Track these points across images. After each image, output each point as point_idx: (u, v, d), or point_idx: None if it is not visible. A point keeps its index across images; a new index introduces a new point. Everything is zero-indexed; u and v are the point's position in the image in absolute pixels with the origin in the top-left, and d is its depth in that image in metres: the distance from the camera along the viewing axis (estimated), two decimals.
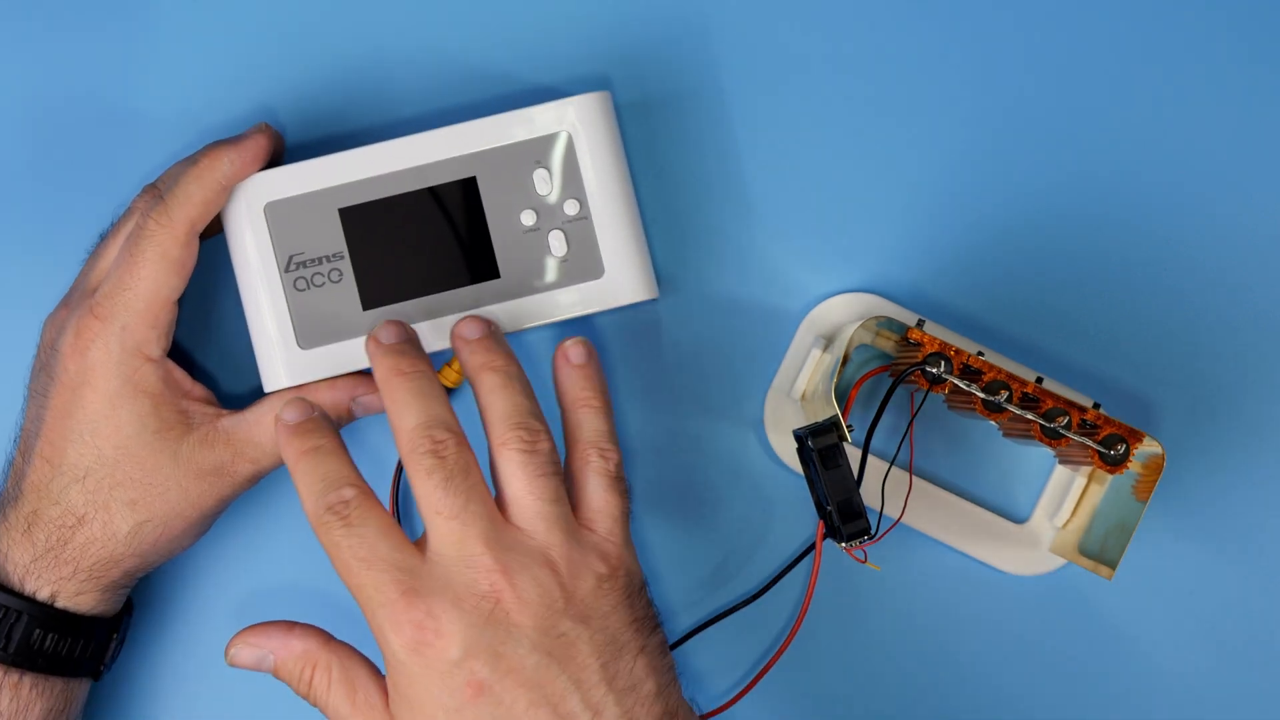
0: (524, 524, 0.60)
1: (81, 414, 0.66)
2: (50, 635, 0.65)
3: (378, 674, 0.62)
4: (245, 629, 0.63)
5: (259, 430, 0.68)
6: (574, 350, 0.66)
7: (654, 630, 0.62)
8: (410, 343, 0.65)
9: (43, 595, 0.65)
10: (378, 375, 0.63)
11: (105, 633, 0.68)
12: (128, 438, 0.66)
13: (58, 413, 0.66)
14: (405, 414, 0.61)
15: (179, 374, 0.68)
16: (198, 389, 0.69)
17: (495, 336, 0.66)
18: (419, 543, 0.60)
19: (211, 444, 0.67)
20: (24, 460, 0.67)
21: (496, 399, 0.63)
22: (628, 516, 0.63)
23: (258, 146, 0.68)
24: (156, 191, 0.68)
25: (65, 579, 0.66)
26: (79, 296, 0.68)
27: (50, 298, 0.71)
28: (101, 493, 0.66)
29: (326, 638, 0.63)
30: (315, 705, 0.62)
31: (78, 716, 0.68)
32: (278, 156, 0.72)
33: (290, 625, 0.63)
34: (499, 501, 0.62)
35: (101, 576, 0.66)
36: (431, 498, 0.60)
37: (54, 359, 0.67)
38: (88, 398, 0.66)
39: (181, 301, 0.68)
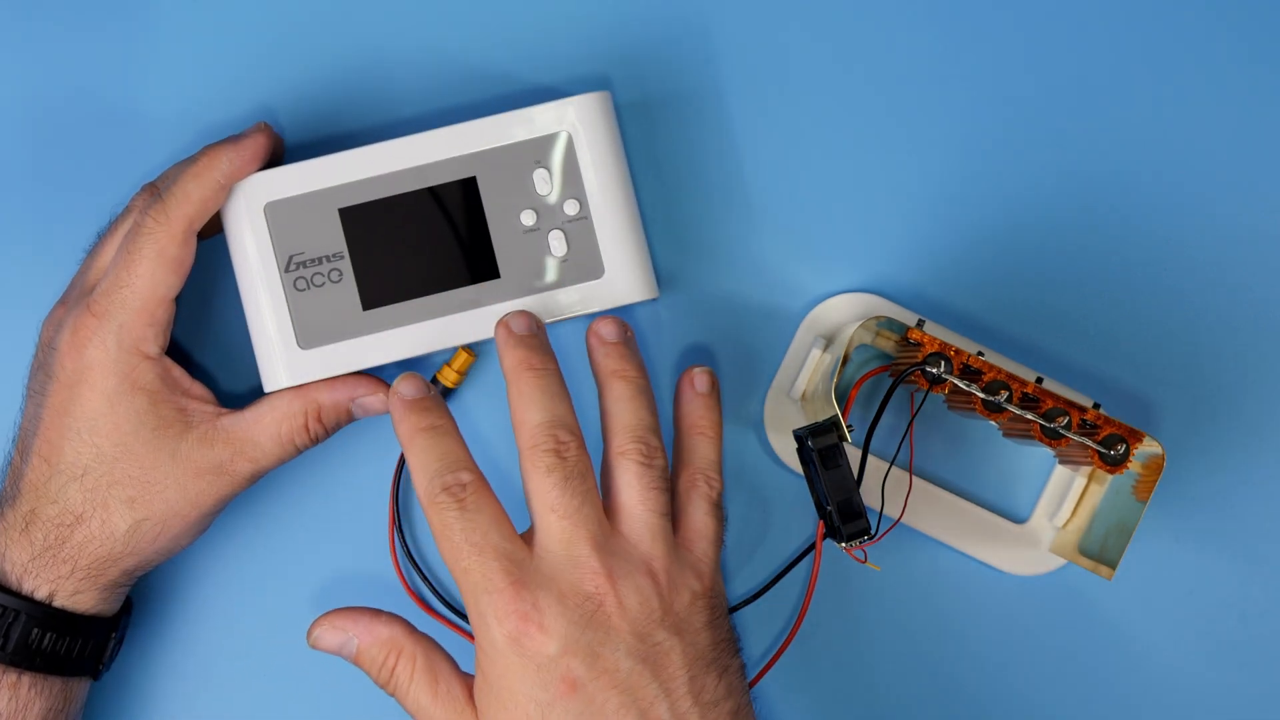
0: (630, 533, 0.62)
1: (79, 412, 0.66)
2: (49, 634, 0.65)
3: (458, 668, 0.63)
4: (331, 612, 0.64)
5: (258, 429, 0.68)
6: (700, 379, 0.69)
7: (735, 654, 0.64)
8: (541, 335, 0.66)
9: (41, 594, 0.65)
10: (506, 365, 0.64)
11: (104, 632, 0.68)
12: (126, 435, 0.66)
13: (55, 411, 0.66)
14: (532, 409, 0.63)
15: (177, 372, 0.68)
16: (196, 387, 0.69)
17: (630, 344, 0.67)
18: (525, 536, 0.62)
19: (211, 442, 0.67)
20: (21, 459, 0.67)
21: (623, 408, 0.65)
22: (721, 543, 0.66)
23: (256, 145, 0.68)
24: (155, 190, 0.68)
25: (63, 578, 0.66)
26: (76, 295, 0.68)
27: (48, 297, 0.71)
28: (100, 491, 0.66)
29: (411, 627, 0.64)
30: (394, 694, 0.63)
31: (77, 716, 0.68)
32: (277, 157, 0.72)
33: (376, 612, 0.64)
34: (606, 507, 0.63)
35: (99, 575, 0.66)
36: (549, 495, 0.61)
37: (51, 357, 0.67)
38: (85, 396, 0.66)
39: (181, 301, 0.68)
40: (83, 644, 0.66)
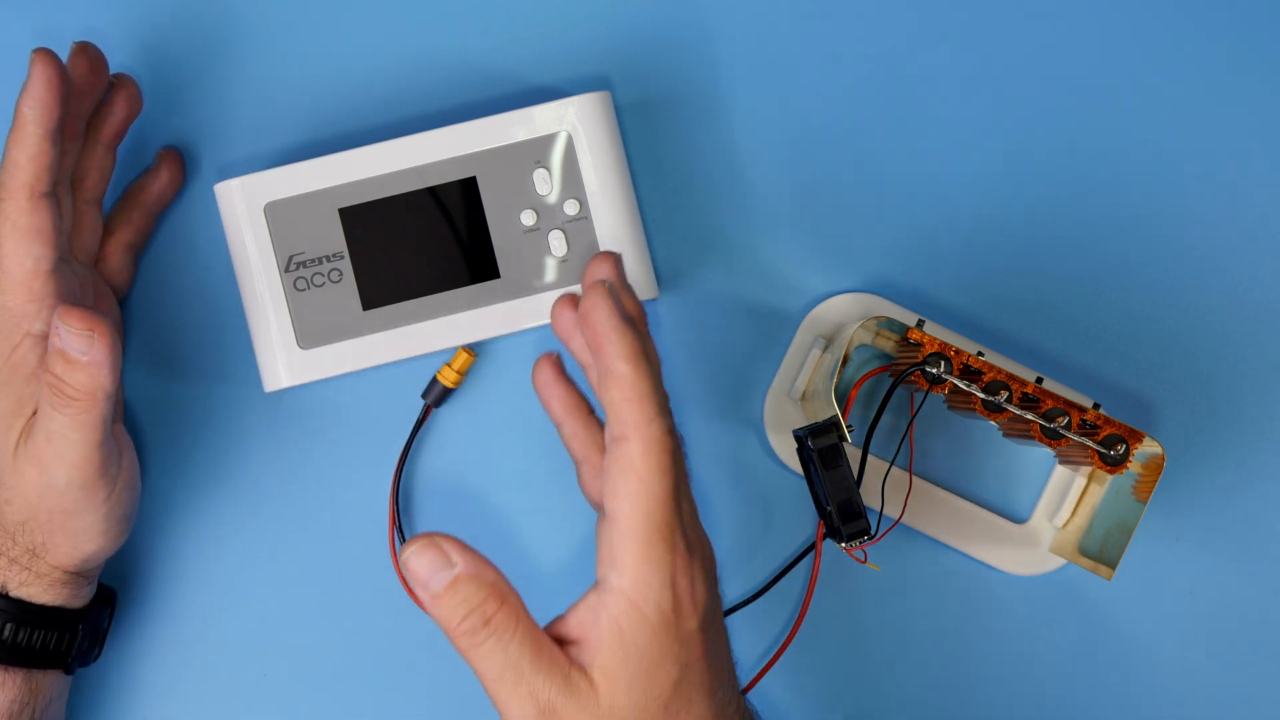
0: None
1: None
2: (7, 625, 0.64)
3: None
4: (434, 532, 0.56)
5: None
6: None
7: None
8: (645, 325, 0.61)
9: None
10: (621, 350, 0.56)
11: (70, 625, 0.66)
12: (2, 431, 0.64)
13: None
14: (664, 410, 0.57)
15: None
16: None
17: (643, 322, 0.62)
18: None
19: (32, 434, 0.64)
20: None
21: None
22: None
23: (42, 75, 0.63)
24: None
25: (3, 569, 0.65)
26: None
27: None
28: None
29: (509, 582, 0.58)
30: (476, 649, 0.56)
31: (54, 709, 0.67)
32: (88, 83, 0.67)
33: (476, 552, 0.57)
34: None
35: (29, 567, 0.65)
36: (679, 489, 0.58)
37: None
38: None
39: (181, 301, 0.68)
40: (45, 636, 0.65)
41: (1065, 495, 0.72)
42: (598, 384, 0.58)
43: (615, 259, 0.61)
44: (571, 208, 0.70)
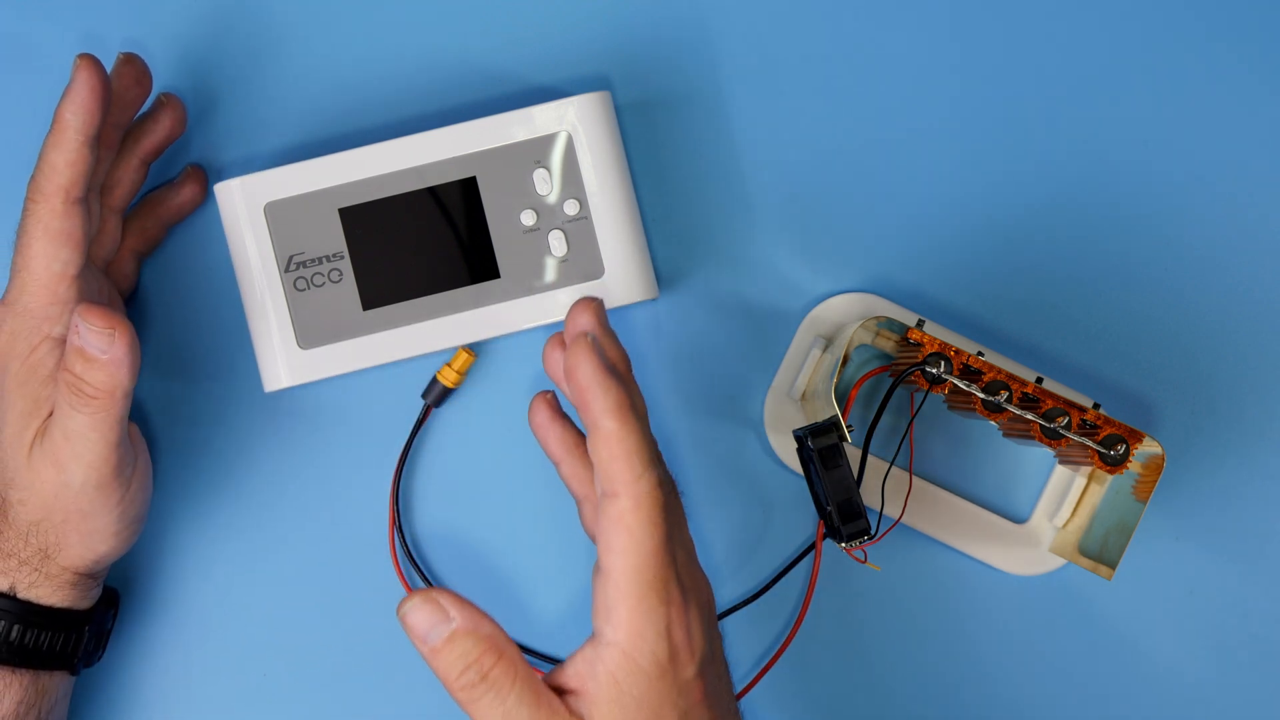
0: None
1: None
2: (15, 627, 0.64)
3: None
4: (432, 588, 0.57)
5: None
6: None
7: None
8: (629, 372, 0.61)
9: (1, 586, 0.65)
10: (606, 404, 0.56)
11: (77, 626, 0.66)
12: (17, 431, 0.64)
13: None
14: (655, 461, 0.57)
15: None
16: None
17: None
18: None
19: (48, 433, 0.64)
20: None
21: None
22: None
23: (85, 83, 0.63)
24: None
25: (12, 570, 0.65)
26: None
27: None
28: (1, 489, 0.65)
29: (506, 634, 0.58)
30: (477, 702, 0.56)
31: (59, 709, 0.67)
32: (130, 94, 0.68)
33: (473, 605, 0.57)
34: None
35: (39, 568, 0.65)
36: (681, 532, 0.59)
37: None
38: (4, 383, 0.65)
39: (181, 301, 0.68)
40: (51, 637, 0.65)
41: (1065, 495, 0.72)
42: (587, 438, 0.58)
43: (596, 305, 0.61)
44: (571, 208, 0.70)
